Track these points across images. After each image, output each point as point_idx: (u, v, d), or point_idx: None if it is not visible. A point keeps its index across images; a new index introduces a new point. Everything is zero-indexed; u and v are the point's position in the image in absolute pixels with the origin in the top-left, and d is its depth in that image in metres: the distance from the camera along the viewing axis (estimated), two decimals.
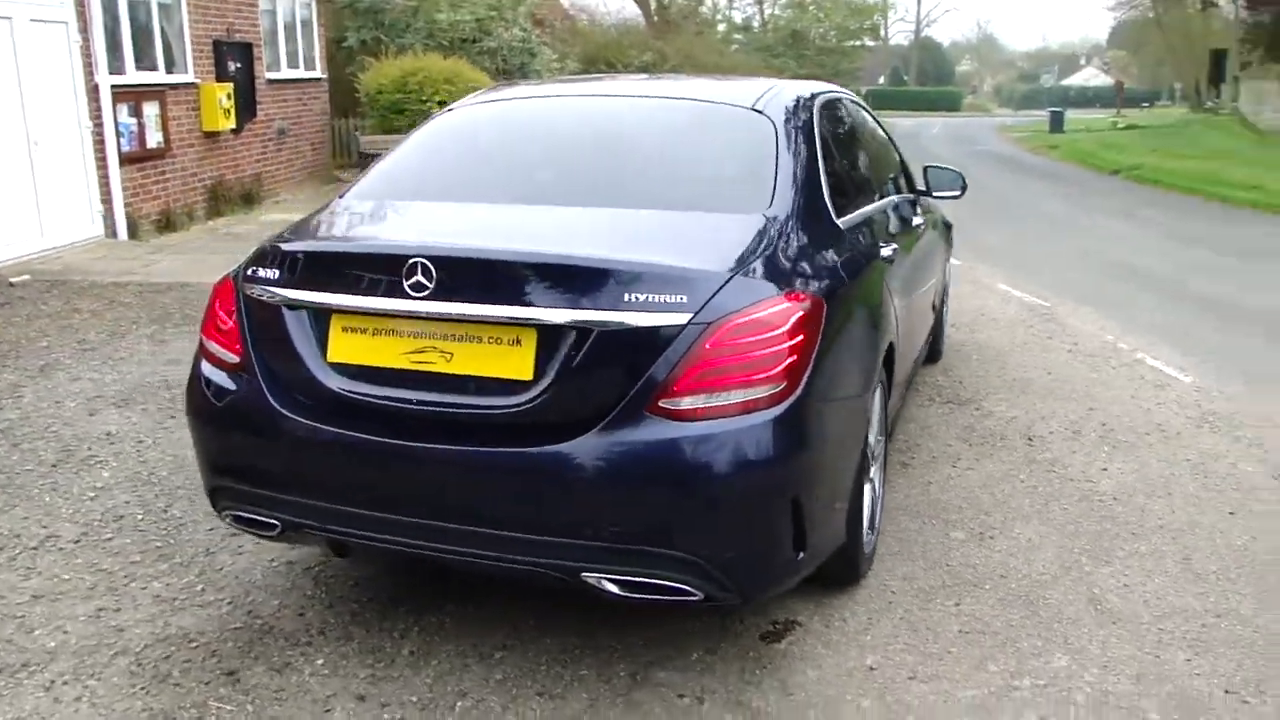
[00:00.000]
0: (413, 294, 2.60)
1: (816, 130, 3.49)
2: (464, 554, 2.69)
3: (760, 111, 3.43)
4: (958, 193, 5.05)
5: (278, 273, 2.86)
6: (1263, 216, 13.90)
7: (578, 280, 2.56)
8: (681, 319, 2.49)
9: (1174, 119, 35.10)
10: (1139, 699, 2.84)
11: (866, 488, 3.25)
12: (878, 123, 4.89)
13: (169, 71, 10.93)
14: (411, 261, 2.60)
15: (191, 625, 3.22)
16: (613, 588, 2.61)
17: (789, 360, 2.54)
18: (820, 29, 43.21)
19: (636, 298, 2.50)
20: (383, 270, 2.67)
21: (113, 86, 9.85)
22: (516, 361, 2.56)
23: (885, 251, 3.63)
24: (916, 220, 4.68)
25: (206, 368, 3.04)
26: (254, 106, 12.57)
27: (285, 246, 2.96)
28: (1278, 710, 2.80)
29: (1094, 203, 15.73)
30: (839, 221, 3.31)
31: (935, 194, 5.04)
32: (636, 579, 2.58)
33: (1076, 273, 9.60)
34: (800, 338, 2.58)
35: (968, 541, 3.78)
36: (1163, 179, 18.21)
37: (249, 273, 2.95)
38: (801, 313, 2.61)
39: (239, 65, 12.19)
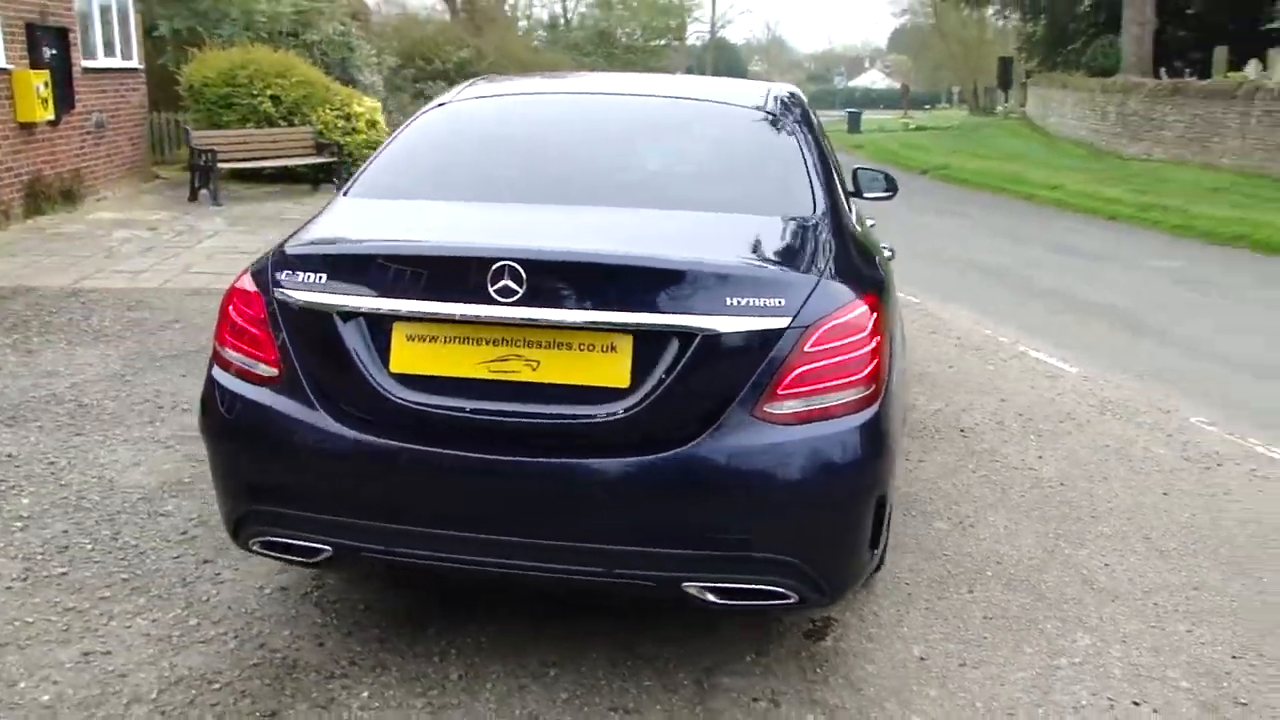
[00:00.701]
0: (500, 299, 2.47)
1: (817, 132, 3.56)
2: (552, 571, 2.60)
3: (771, 113, 3.48)
4: (887, 194, 5.20)
5: (323, 277, 2.63)
6: (1066, 214, 15.04)
7: (676, 284, 2.51)
8: (782, 323, 2.49)
9: (958, 121, 37.41)
10: (1165, 669, 3.05)
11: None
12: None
13: None
14: (499, 265, 2.46)
15: (202, 664, 2.97)
16: (712, 597, 2.58)
17: (873, 363, 2.59)
18: (627, 29, 43.78)
19: (738, 302, 2.48)
20: (462, 274, 2.52)
21: None
22: (611, 369, 2.48)
23: (886, 251, 3.74)
24: (870, 221, 4.82)
25: (229, 381, 2.79)
26: (72, 97, 11.57)
27: (329, 249, 2.76)
28: None
29: (915, 201, 16.52)
30: (854, 222, 3.39)
31: (865, 195, 5.18)
32: (737, 585, 2.57)
33: (927, 268, 10.10)
34: (878, 339, 2.63)
35: (952, 531, 3.94)
36: (969, 178, 19.44)
37: (281, 277, 2.70)
38: (877, 315, 2.66)
39: (55, 52, 11.19)
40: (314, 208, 3.87)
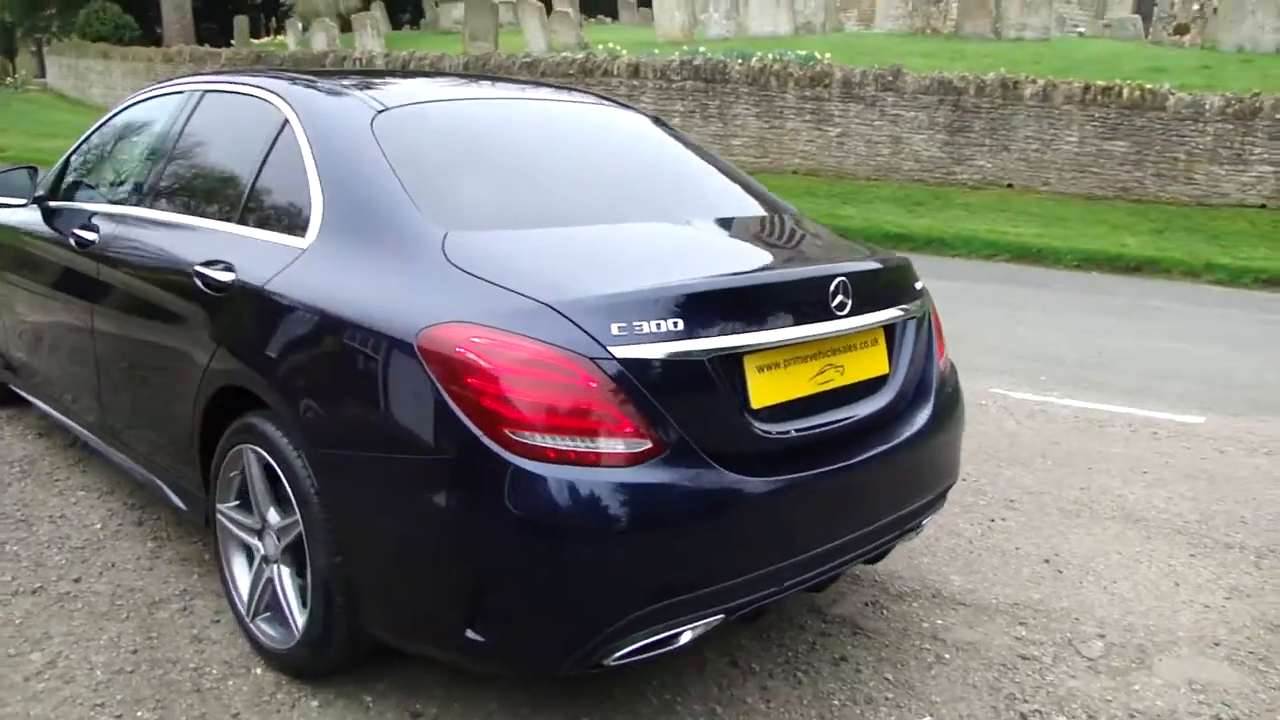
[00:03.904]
0: (838, 314, 2.61)
1: None
2: (876, 547, 2.76)
3: (657, 121, 3.66)
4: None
5: (679, 322, 2.32)
6: None
7: (899, 280, 2.93)
8: (923, 298, 3.01)
9: None
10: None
11: None
12: None
13: None
14: (837, 281, 2.62)
15: None
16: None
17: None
18: None
19: (918, 285, 2.98)
20: (806, 296, 2.60)
21: None
22: (878, 360, 2.78)
23: None
24: None
25: (561, 472, 2.18)
26: None
27: (674, 291, 2.38)
28: None
29: None
30: None
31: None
32: (935, 512, 2.98)
33: None
34: None
35: None
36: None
37: (615, 330, 2.25)
38: None
39: None
40: None
